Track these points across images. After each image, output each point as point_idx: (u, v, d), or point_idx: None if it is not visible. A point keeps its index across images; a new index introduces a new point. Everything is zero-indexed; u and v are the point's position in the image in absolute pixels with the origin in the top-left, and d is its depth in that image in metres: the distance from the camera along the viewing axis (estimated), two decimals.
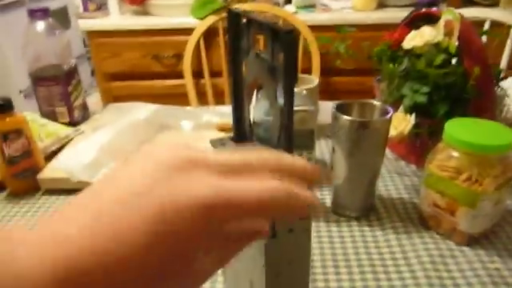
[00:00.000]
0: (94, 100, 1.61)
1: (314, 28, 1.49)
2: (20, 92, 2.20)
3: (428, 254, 0.52)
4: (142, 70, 1.61)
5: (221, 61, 1.57)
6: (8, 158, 0.64)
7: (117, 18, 1.65)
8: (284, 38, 0.27)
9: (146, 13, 1.66)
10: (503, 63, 1.37)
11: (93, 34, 1.56)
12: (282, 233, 0.31)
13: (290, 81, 0.29)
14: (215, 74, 1.57)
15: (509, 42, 1.34)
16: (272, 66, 0.30)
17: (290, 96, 0.30)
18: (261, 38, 1.13)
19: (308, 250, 0.33)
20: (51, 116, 0.87)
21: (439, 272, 0.49)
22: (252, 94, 0.36)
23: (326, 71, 1.54)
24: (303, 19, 1.50)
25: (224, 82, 1.57)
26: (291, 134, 0.32)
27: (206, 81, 1.55)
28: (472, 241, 0.53)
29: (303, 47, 1.51)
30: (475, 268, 0.49)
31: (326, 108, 0.84)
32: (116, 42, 1.57)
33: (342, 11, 1.60)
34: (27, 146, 0.65)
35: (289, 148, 0.32)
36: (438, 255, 0.52)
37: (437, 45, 0.64)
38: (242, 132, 0.38)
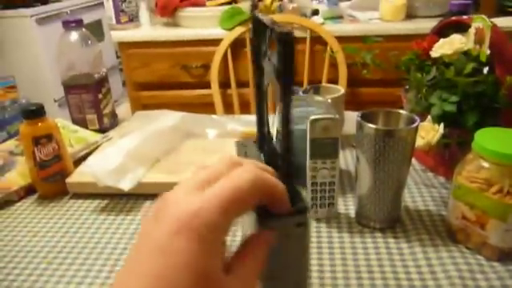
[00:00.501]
0: (123, 109, 1.66)
1: (341, 39, 1.48)
2: (55, 101, 2.29)
3: (456, 269, 0.50)
4: (170, 79, 1.64)
5: (247, 71, 1.58)
6: (39, 161, 0.66)
7: (147, 30, 1.69)
8: (280, 37, 0.28)
9: (175, 24, 1.70)
10: None
11: (124, 45, 1.61)
12: (278, 237, 0.30)
13: (287, 81, 0.29)
14: (242, 84, 1.59)
15: None
16: (276, 68, 0.30)
17: (287, 97, 0.29)
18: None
19: (304, 255, 0.33)
20: (82, 123, 0.90)
21: None
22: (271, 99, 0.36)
23: (352, 82, 1.52)
24: (330, 30, 1.50)
25: (250, 92, 1.58)
26: (289, 143, 0.31)
27: (233, 91, 1.57)
28: (503, 256, 0.51)
29: (329, 58, 1.51)
30: (507, 285, 0.47)
31: (352, 118, 0.83)
32: (146, 52, 1.61)
33: (370, 22, 1.58)
34: (57, 150, 0.67)
35: (286, 156, 0.32)
36: (467, 270, 0.50)
37: (466, 53, 0.62)
38: (263, 135, 0.38)
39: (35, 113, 0.64)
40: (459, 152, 0.63)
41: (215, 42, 1.53)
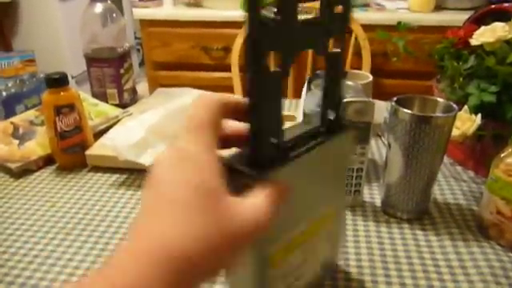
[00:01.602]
0: (141, 88, 1.64)
1: (367, 27, 1.44)
2: (72, 77, 2.29)
3: (488, 266, 0.48)
4: (190, 60, 1.62)
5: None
6: (60, 132, 0.65)
7: (170, 8, 1.67)
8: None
9: (198, 5, 1.67)
10: None
11: (145, 23, 1.59)
12: None
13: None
14: None
15: None
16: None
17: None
18: None
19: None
20: (102, 97, 0.89)
21: (501, 286, 0.45)
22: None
23: (375, 72, 1.49)
24: (356, 17, 1.46)
25: None
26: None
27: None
28: None
29: (354, 46, 1.47)
30: None
31: (379, 107, 0.81)
32: (167, 31, 1.59)
33: (398, 11, 1.54)
34: (78, 121, 0.66)
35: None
36: (500, 267, 0.47)
37: (509, 42, 0.59)
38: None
39: (58, 81, 0.63)
40: (491, 146, 0.60)
41: (237, 24, 1.50)
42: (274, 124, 0.30)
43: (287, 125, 0.34)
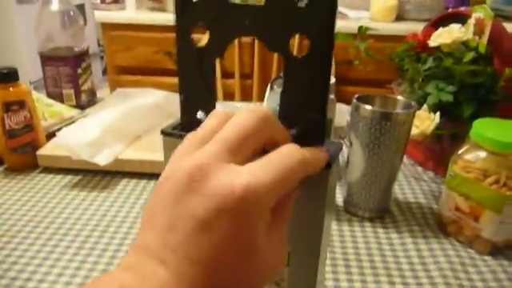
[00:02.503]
0: (103, 94, 1.59)
1: None
2: (30, 83, 2.19)
3: (448, 261, 0.48)
4: (153, 65, 1.59)
5: (233, 62, 1.55)
6: (8, 130, 0.61)
7: (133, 12, 1.64)
8: None
9: (161, 9, 1.65)
10: None
11: (107, 26, 1.55)
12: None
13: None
14: (228, 75, 1.55)
15: None
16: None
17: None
18: None
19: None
20: (58, 97, 0.85)
21: (460, 280, 0.45)
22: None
23: (339, 81, 1.51)
24: None
25: (235, 83, 1.55)
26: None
27: (218, 81, 1.53)
28: (495, 250, 0.49)
29: None
30: (500, 279, 0.45)
31: (340, 110, 0.81)
32: (129, 35, 1.55)
33: (360, 20, 1.57)
34: (29, 119, 0.62)
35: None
36: (459, 263, 0.48)
37: (465, 44, 0.61)
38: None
39: (7, 76, 0.59)
40: (450, 146, 0.61)
41: (200, 29, 1.49)
42: (202, 99, 0.30)
43: None
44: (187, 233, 0.21)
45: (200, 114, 0.31)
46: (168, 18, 1.55)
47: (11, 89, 0.60)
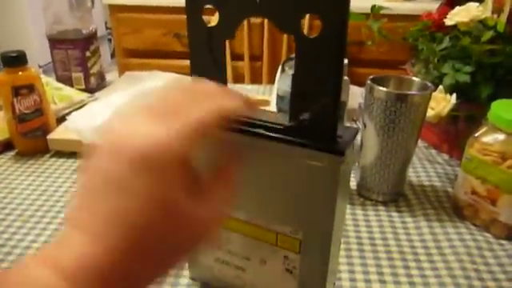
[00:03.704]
0: (111, 77, 1.59)
1: None
2: (39, 67, 2.20)
3: (464, 245, 0.47)
4: (162, 48, 1.57)
5: (242, 44, 1.52)
6: (18, 114, 0.61)
7: None
8: None
9: None
10: None
11: (115, 8, 1.53)
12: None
13: None
14: (237, 57, 1.53)
15: None
16: None
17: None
18: None
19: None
20: (67, 81, 0.85)
21: (476, 265, 0.44)
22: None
23: (351, 62, 1.48)
24: None
25: (245, 65, 1.53)
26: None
27: (227, 63, 1.51)
28: None
29: None
30: None
31: (353, 93, 0.79)
32: (138, 17, 1.54)
33: (371, 0, 1.54)
34: (39, 103, 0.62)
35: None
36: (475, 247, 0.47)
37: (483, 23, 0.59)
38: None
39: (16, 60, 0.59)
40: (466, 129, 0.60)
41: (211, 10, 1.47)
42: (214, 79, 0.27)
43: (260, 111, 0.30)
44: (101, 193, 0.21)
45: None
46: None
47: (20, 73, 0.59)
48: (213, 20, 0.30)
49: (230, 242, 0.36)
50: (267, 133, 0.29)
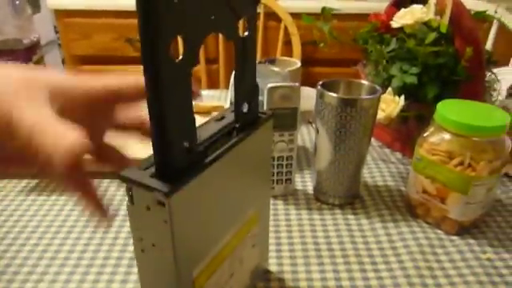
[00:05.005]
0: None
1: (296, 15, 1.45)
2: None
3: (417, 244, 0.48)
4: (114, 53, 1.53)
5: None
6: None
7: None
8: None
9: None
10: (488, 47, 1.35)
11: (61, 13, 1.47)
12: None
13: None
14: None
15: (494, 26, 1.33)
16: None
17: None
18: None
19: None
20: None
21: (429, 262, 0.46)
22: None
23: (306, 62, 1.50)
24: (285, 6, 1.46)
25: (201, 69, 1.51)
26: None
27: None
28: (462, 230, 0.50)
29: (283, 35, 1.47)
30: (466, 258, 0.46)
31: (307, 94, 0.80)
32: (86, 22, 1.48)
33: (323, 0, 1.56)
34: None
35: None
36: (428, 245, 0.48)
37: (427, 24, 0.61)
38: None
39: None
40: (416, 127, 0.62)
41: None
42: (183, 125, 0.25)
43: (198, 122, 0.28)
44: None
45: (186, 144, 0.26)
46: (126, 3, 1.49)
47: None
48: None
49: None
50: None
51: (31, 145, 0.24)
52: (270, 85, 0.49)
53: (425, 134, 0.51)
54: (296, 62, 0.79)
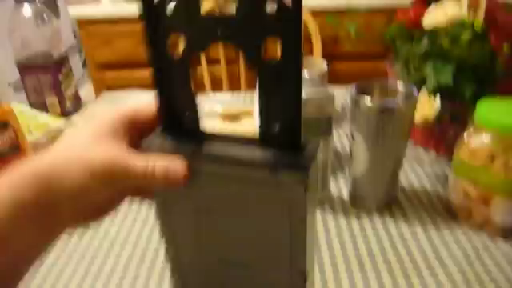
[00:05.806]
0: (85, 92, 1.54)
1: (316, 14, 1.43)
2: (8, 85, 2.13)
3: (460, 248, 0.47)
4: (136, 59, 1.54)
5: (218, 48, 1.51)
6: None
7: (108, 5, 1.57)
8: None
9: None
10: None
11: (83, 22, 1.49)
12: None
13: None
14: (212, 61, 1.51)
15: None
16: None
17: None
18: None
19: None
20: (41, 107, 0.82)
21: (474, 267, 0.45)
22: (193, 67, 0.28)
23: (326, 56, 1.48)
24: (304, 3, 1.44)
25: (221, 69, 1.51)
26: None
27: (203, 68, 1.49)
28: (507, 233, 0.49)
29: (304, 31, 1.46)
30: None
31: (337, 94, 0.79)
32: (108, 30, 1.50)
33: None
34: (15, 139, 0.60)
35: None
36: (471, 248, 0.47)
37: (461, 21, 0.59)
38: (172, 121, 0.30)
39: None
40: (450, 126, 0.61)
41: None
42: (185, 116, 0.29)
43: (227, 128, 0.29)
44: None
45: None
46: None
47: None
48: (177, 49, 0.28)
49: None
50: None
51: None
52: (304, 96, 0.48)
53: (464, 136, 0.50)
54: (322, 63, 0.78)
